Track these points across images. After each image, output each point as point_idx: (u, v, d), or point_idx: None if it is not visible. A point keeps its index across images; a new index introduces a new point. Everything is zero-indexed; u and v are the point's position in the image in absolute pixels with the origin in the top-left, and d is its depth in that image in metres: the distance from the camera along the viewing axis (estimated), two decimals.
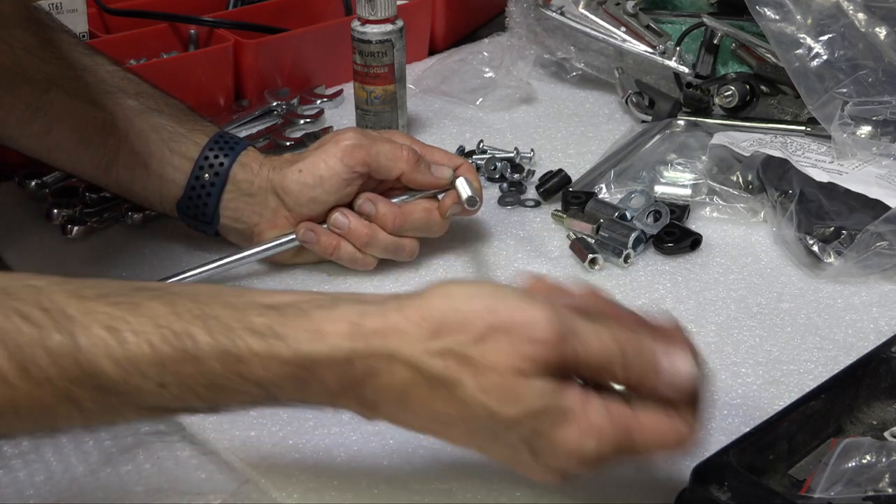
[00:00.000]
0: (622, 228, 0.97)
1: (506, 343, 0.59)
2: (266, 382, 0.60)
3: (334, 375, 0.60)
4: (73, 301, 0.59)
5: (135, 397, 0.59)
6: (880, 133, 1.01)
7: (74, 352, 0.58)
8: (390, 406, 0.61)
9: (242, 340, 0.59)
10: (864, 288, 0.93)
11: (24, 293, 0.59)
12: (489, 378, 0.59)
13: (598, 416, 0.59)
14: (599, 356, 0.60)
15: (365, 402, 0.61)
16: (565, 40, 1.28)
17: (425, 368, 0.59)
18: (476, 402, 0.59)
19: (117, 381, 0.58)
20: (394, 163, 0.90)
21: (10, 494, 0.72)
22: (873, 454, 0.67)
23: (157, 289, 0.63)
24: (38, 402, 0.58)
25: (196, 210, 0.92)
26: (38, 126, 0.93)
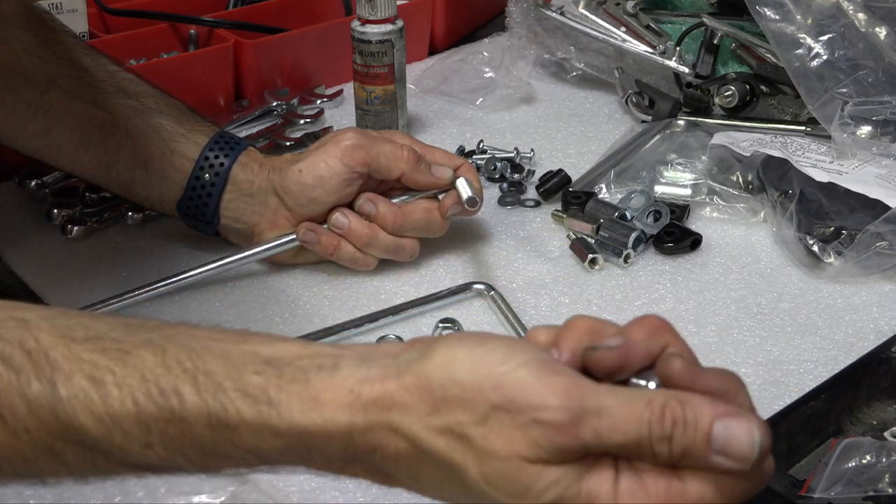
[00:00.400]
0: (622, 228, 0.97)
1: (510, 426, 0.51)
2: (260, 451, 0.54)
3: (336, 447, 0.54)
4: (59, 343, 0.54)
5: (119, 455, 0.55)
6: (880, 133, 1.01)
7: (54, 403, 0.53)
8: (405, 476, 0.55)
9: (233, 405, 0.53)
10: (864, 288, 0.93)
11: (9, 328, 0.54)
12: (492, 466, 0.52)
13: (632, 499, 0.51)
14: (628, 435, 0.51)
15: (378, 472, 0.55)
16: (565, 40, 1.28)
17: (427, 446, 0.53)
18: (481, 492, 0.52)
19: (99, 438, 0.54)
20: (394, 163, 0.90)
21: (11, 494, 0.72)
22: (873, 454, 0.67)
23: (153, 330, 0.56)
24: (18, 452, 0.54)
25: (196, 210, 0.92)
26: (39, 126, 0.93)
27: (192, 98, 1.04)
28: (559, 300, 0.91)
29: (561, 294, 0.92)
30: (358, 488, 0.71)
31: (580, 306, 0.90)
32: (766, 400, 0.79)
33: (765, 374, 0.82)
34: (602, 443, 0.51)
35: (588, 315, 0.58)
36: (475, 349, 0.54)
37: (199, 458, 0.55)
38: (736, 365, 0.83)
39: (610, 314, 0.89)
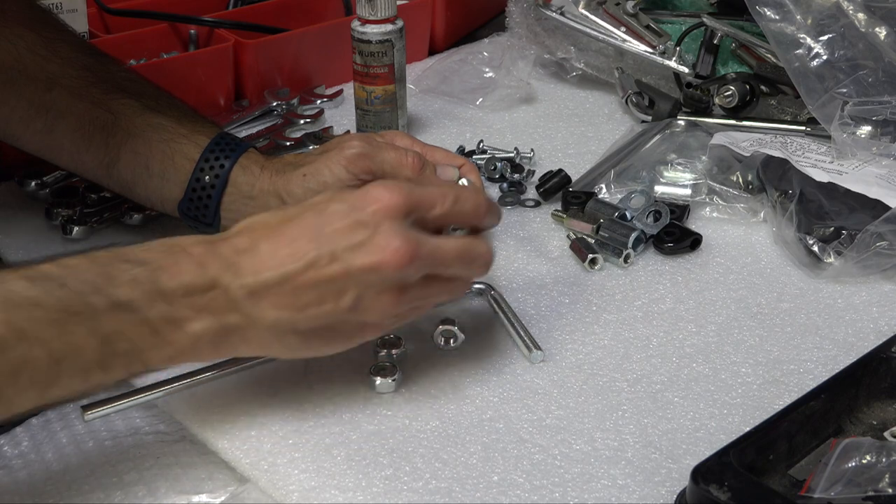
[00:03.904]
0: (622, 228, 0.97)
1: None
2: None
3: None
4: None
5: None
6: (880, 133, 1.01)
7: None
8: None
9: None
10: (864, 288, 0.93)
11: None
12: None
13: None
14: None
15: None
16: (565, 40, 1.28)
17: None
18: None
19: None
20: (399, 170, 0.90)
21: (10, 494, 0.72)
22: (873, 454, 0.67)
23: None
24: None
25: (197, 211, 0.92)
26: (41, 125, 0.93)
27: (192, 98, 1.04)
28: (559, 300, 0.91)
29: (561, 294, 0.92)
30: (358, 488, 0.71)
31: (580, 306, 0.90)
32: (766, 400, 0.79)
33: (765, 374, 0.82)
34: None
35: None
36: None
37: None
38: (736, 365, 0.83)
39: (610, 314, 0.89)
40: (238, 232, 0.72)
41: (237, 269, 0.70)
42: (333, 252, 0.70)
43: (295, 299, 0.70)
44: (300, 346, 0.73)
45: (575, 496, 0.70)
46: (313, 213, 0.72)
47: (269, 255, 0.70)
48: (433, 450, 0.74)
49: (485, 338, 0.86)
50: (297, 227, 0.71)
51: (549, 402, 0.79)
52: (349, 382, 0.80)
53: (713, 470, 0.66)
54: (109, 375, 0.68)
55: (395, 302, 0.72)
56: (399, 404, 0.79)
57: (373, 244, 0.70)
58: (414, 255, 0.71)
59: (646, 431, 0.76)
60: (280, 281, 0.70)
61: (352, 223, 0.71)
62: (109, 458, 0.75)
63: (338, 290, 0.71)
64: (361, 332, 0.74)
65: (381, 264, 0.70)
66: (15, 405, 0.65)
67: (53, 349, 0.64)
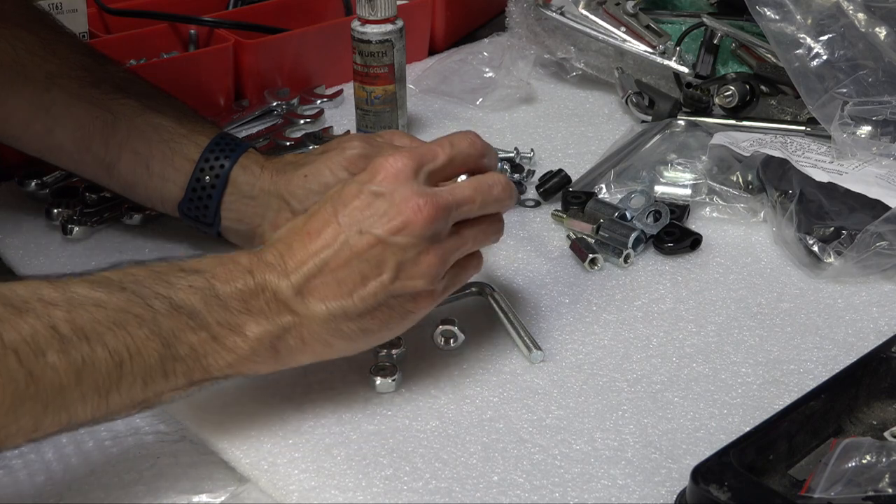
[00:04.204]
0: (622, 228, 0.97)
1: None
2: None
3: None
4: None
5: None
6: (880, 133, 1.01)
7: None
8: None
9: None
10: (864, 288, 0.93)
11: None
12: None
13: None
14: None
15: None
16: (565, 40, 1.28)
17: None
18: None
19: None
20: None
21: (10, 494, 0.72)
22: (873, 454, 0.67)
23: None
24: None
25: (197, 212, 0.92)
26: (40, 126, 0.93)
27: (192, 98, 1.04)
28: (559, 300, 0.91)
29: (561, 294, 0.92)
30: (358, 487, 0.71)
31: (580, 306, 0.90)
32: (766, 400, 0.79)
33: (765, 374, 0.82)
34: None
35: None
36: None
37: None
38: (736, 365, 0.83)
39: (610, 314, 0.89)
40: (276, 240, 0.74)
41: (281, 270, 0.72)
42: (360, 228, 0.72)
43: (339, 285, 0.72)
44: (359, 334, 0.74)
45: (575, 496, 0.70)
46: (330, 202, 0.74)
47: (302, 250, 0.72)
48: (433, 450, 0.74)
49: (485, 338, 0.86)
50: (319, 219, 0.74)
51: (549, 402, 0.79)
52: (349, 382, 0.80)
53: (713, 470, 0.66)
54: (170, 382, 0.68)
55: (435, 260, 0.74)
56: (399, 404, 0.79)
57: (394, 208, 0.72)
58: (435, 205, 0.73)
59: (646, 431, 0.76)
60: (319, 270, 0.72)
61: (368, 196, 0.73)
62: (109, 457, 0.75)
63: (377, 264, 0.72)
64: (415, 303, 0.75)
65: (408, 223, 0.72)
66: (78, 411, 0.64)
67: (115, 350, 0.64)
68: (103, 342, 0.64)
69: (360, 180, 0.74)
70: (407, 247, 0.72)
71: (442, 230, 0.74)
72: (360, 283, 0.72)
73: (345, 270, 0.72)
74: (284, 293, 0.72)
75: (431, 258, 0.73)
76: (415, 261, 0.73)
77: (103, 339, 0.64)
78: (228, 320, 0.70)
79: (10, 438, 0.62)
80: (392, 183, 0.73)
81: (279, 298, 0.72)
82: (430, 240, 0.73)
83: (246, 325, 0.70)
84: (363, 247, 0.72)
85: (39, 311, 0.63)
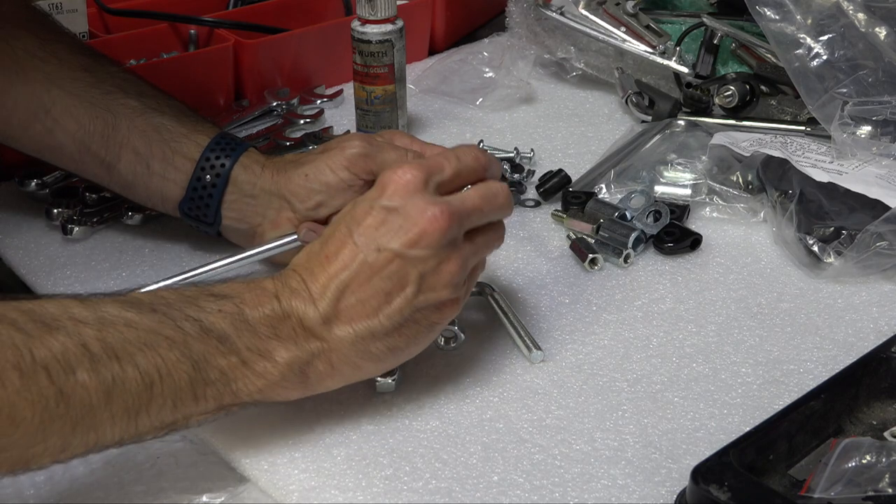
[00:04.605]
0: (622, 228, 0.97)
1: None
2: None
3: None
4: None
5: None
6: (880, 133, 1.01)
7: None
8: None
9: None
10: (864, 288, 0.93)
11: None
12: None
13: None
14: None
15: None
16: (565, 40, 1.28)
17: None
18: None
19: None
20: None
21: (10, 494, 0.72)
22: (873, 454, 0.67)
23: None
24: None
25: (198, 211, 0.92)
26: (40, 126, 0.93)
27: (192, 98, 1.04)
28: (559, 300, 0.91)
29: (561, 294, 0.92)
30: (358, 487, 0.71)
31: (580, 306, 0.90)
32: (766, 400, 0.79)
33: (765, 374, 0.82)
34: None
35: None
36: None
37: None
38: (736, 365, 0.83)
39: (610, 314, 0.89)
40: (297, 265, 0.74)
41: (306, 296, 0.72)
42: (377, 246, 0.72)
43: (363, 305, 0.72)
44: (386, 353, 0.73)
45: (575, 496, 0.70)
46: (344, 223, 0.74)
47: (323, 274, 0.72)
48: (433, 450, 0.74)
49: (485, 338, 0.86)
50: (335, 241, 0.73)
51: (549, 402, 0.79)
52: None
53: (713, 470, 0.66)
54: (200, 406, 0.68)
55: (456, 268, 0.73)
56: (399, 404, 0.79)
57: (409, 221, 0.72)
58: (449, 213, 0.72)
59: (646, 431, 0.76)
60: (341, 293, 0.72)
61: (380, 212, 0.73)
62: (109, 457, 0.74)
63: (399, 279, 0.72)
64: (441, 314, 0.74)
65: (424, 234, 0.72)
66: (106, 432, 0.64)
67: (145, 371, 0.64)
68: (134, 362, 0.64)
69: (370, 197, 0.74)
70: (427, 258, 0.72)
71: (457, 237, 0.74)
72: (385, 301, 0.72)
73: (367, 290, 0.72)
74: (311, 320, 0.71)
75: (452, 266, 0.73)
76: (436, 271, 0.73)
77: (134, 360, 0.64)
78: (258, 345, 0.70)
79: (35, 459, 0.62)
80: (403, 196, 0.73)
81: (305, 326, 0.71)
82: (448, 248, 0.73)
83: (275, 350, 0.70)
84: (382, 264, 0.72)
85: (70, 329, 0.62)
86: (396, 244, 0.72)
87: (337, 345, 0.72)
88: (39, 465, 0.63)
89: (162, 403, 0.65)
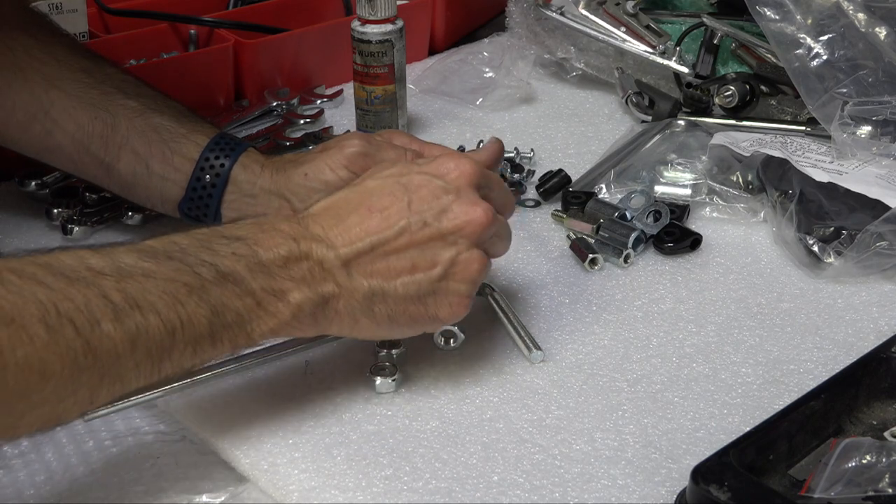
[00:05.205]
0: (622, 228, 0.97)
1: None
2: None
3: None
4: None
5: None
6: (880, 133, 1.01)
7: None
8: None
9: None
10: (864, 288, 0.93)
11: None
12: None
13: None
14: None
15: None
16: (565, 40, 1.28)
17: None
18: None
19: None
20: None
21: (10, 494, 0.72)
22: (873, 454, 0.67)
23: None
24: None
25: (198, 211, 0.92)
26: (39, 128, 0.93)
27: (192, 98, 1.04)
28: (559, 300, 0.91)
29: (561, 294, 0.92)
30: (358, 488, 0.71)
31: (580, 306, 0.90)
32: (766, 400, 0.79)
33: (765, 374, 0.82)
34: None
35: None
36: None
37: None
38: (736, 365, 0.83)
39: (610, 314, 0.89)
40: (322, 210, 0.75)
41: (329, 242, 0.73)
42: (423, 219, 0.73)
43: (388, 267, 0.73)
44: (385, 320, 0.75)
45: (575, 496, 0.70)
46: (395, 184, 0.75)
47: (358, 226, 0.73)
48: (433, 450, 0.74)
49: (485, 338, 0.86)
50: (383, 197, 0.75)
51: (549, 402, 0.79)
52: (349, 382, 0.80)
53: (713, 470, 0.66)
54: (217, 349, 0.69)
55: (481, 267, 0.76)
56: (399, 404, 0.79)
57: (459, 208, 0.74)
58: (492, 216, 0.75)
59: (646, 431, 0.76)
60: (373, 248, 0.73)
61: (436, 190, 0.74)
62: (109, 457, 0.75)
63: (432, 257, 0.74)
64: (450, 308, 0.76)
65: (469, 224, 0.74)
66: (131, 381, 0.65)
67: (167, 318, 0.65)
68: (156, 310, 0.64)
69: (428, 171, 0.76)
70: (465, 248, 0.74)
71: (490, 237, 0.77)
72: (409, 271, 0.74)
73: (398, 255, 0.73)
74: (330, 264, 0.72)
75: (479, 265, 0.76)
76: (466, 259, 0.75)
77: (155, 308, 0.65)
78: (272, 286, 0.70)
79: (66, 412, 0.63)
80: (461, 183, 0.75)
81: (325, 267, 0.72)
82: (481, 243, 0.76)
83: (289, 291, 0.71)
84: (423, 237, 0.73)
85: (90, 280, 0.63)
86: (445, 224, 0.74)
87: (349, 292, 0.73)
88: (68, 419, 0.65)
89: (183, 349, 0.66)
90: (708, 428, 0.77)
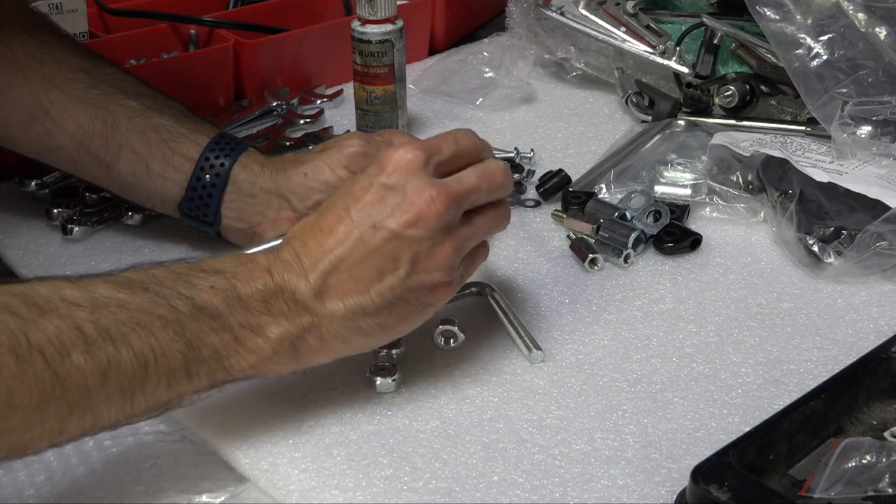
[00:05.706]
0: (622, 228, 0.97)
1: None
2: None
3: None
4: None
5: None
6: (880, 133, 1.01)
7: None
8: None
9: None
10: (864, 288, 0.93)
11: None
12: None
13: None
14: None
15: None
16: (565, 40, 1.28)
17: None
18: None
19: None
20: None
21: (10, 494, 0.72)
22: (873, 454, 0.67)
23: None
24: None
25: (197, 211, 0.92)
26: (39, 128, 0.93)
27: (192, 98, 1.04)
28: (559, 300, 0.91)
29: (561, 294, 0.92)
30: (358, 487, 0.71)
31: (580, 306, 0.90)
32: (766, 400, 0.79)
33: (765, 374, 0.82)
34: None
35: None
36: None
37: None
38: (736, 365, 0.83)
39: (610, 314, 0.89)
40: (291, 237, 0.75)
41: (298, 269, 0.72)
42: (374, 223, 0.72)
43: (355, 282, 0.72)
44: (377, 329, 0.74)
45: (575, 496, 0.70)
46: (341, 197, 0.74)
47: (317, 248, 0.73)
48: (433, 450, 0.74)
49: (485, 338, 0.86)
50: (332, 215, 0.74)
51: (549, 402, 0.79)
52: (349, 382, 0.80)
53: (713, 470, 0.66)
54: (193, 384, 0.68)
55: (451, 251, 0.74)
56: (399, 404, 0.79)
57: (407, 202, 0.72)
58: (447, 196, 0.73)
59: (646, 431, 0.76)
60: (334, 267, 0.72)
61: (379, 190, 0.73)
62: (109, 457, 0.75)
63: (392, 258, 0.72)
64: (433, 296, 0.75)
65: (421, 215, 0.72)
66: (102, 414, 0.64)
67: (140, 351, 0.64)
68: (128, 343, 0.64)
69: (371, 173, 0.74)
70: (421, 239, 0.73)
71: (454, 220, 0.74)
72: (377, 279, 0.72)
73: (360, 267, 0.72)
74: (303, 294, 0.72)
75: (447, 249, 0.74)
76: (430, 252, 0.73)
77: (128, 340, 0.64)
78: (250, 321, 0.70)
79: (34, 442, 0.62)
80: (403, 175, 0.73)
81: (298, 300, 0.72)
82: (444, 231, 0.73)
83: (267, 326, 0.70)
84: (378, 242, 0.72)
85: (63, 312, 0.63)
86: (393, 223, 0.72)
87: (328, 319, 0.72)
88: (36, 450, 0.63)
89: (157, 383, 0.66)
90: (708, 428, 0.77)
